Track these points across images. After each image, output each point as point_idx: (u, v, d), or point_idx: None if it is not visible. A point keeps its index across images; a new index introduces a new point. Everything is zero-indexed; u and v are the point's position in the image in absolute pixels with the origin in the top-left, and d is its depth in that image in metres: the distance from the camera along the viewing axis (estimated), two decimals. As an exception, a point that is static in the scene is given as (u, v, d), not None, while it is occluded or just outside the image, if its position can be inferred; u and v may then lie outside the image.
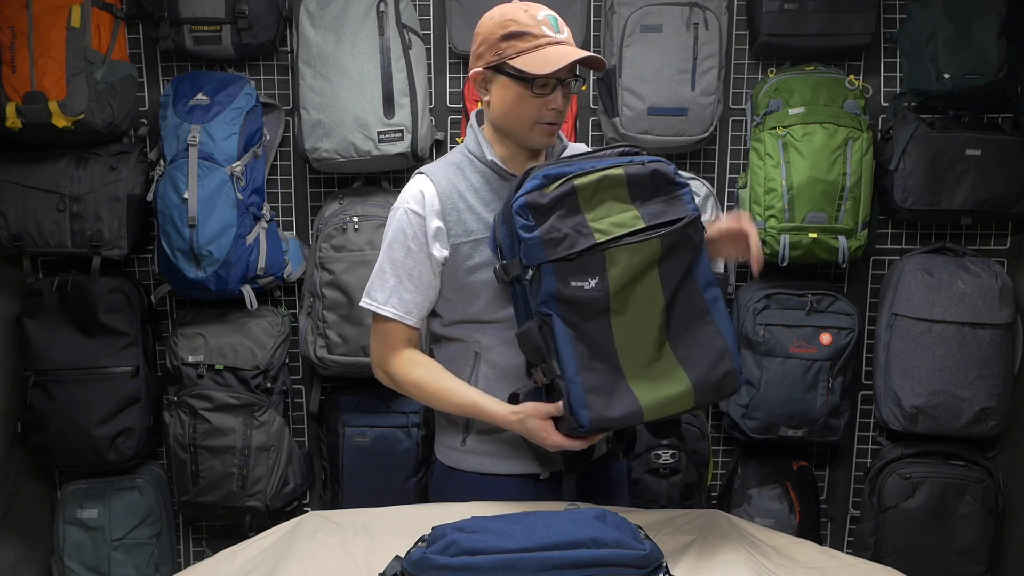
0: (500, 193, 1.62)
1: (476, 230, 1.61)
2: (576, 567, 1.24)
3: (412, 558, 1.26)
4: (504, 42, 1.54)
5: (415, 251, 1.63)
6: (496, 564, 1.23)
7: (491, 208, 1.62)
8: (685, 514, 1.60)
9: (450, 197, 1.62)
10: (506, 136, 1.63)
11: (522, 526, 1.29)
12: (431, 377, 1.65)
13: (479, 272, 1.61)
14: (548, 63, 1.52)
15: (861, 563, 1.55)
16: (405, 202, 1.64)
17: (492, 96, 1.60)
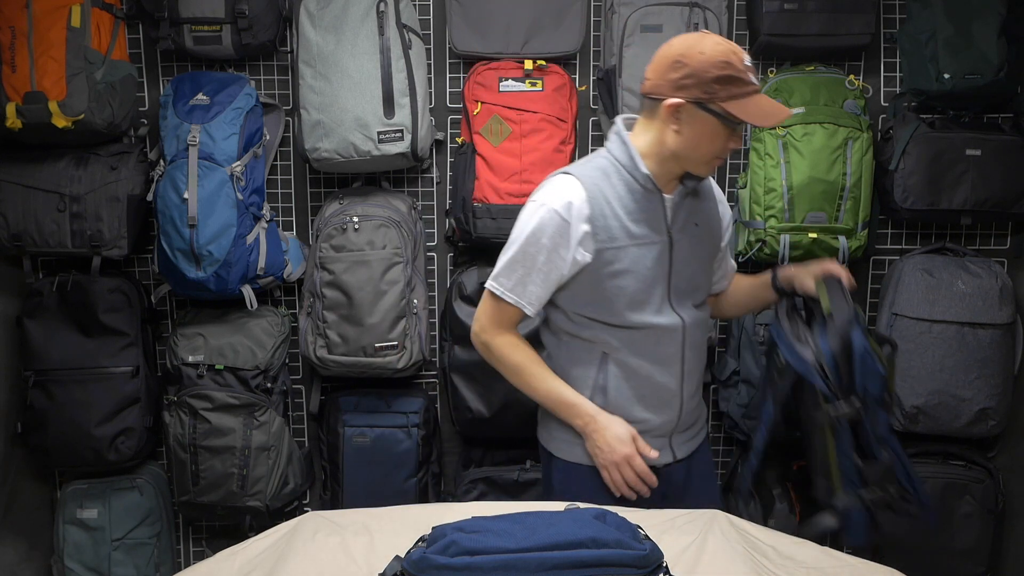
0: (642, 205, 1.72)
1: (619, 237, 1.70)
2: (576, 567, 1.24)
3: (412, 558, 1.26)
4: (719, 84, 1.61)
5: (550, 250, 1.69)
6: (496, 564, 1.23)
7: (633, 218, 1.71)
8: (685, 514, 1.60)
9: (598, 203, 1.69)
10: (674, 161, 1.70)
11: (522, 526, 1.29)
12: (530, 363, 1.78)
13: (618, 278, 1.70)
14: (767, 116, 1.63)
15: (861, 563, 1.55)
16: (551, 202, 1.70)
17: (683, 127, 1.65)
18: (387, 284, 2.40)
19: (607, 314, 1.73)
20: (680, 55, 1.63)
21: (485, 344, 1.81)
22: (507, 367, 1.80)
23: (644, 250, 1.71)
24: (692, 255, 1.79)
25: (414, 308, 2.45)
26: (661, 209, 1.74)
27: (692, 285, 1.80)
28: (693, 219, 1.79)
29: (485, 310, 1.81)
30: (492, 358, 1.81)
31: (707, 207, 1.85)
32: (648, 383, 1.77)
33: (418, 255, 2.52)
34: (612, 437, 1.72)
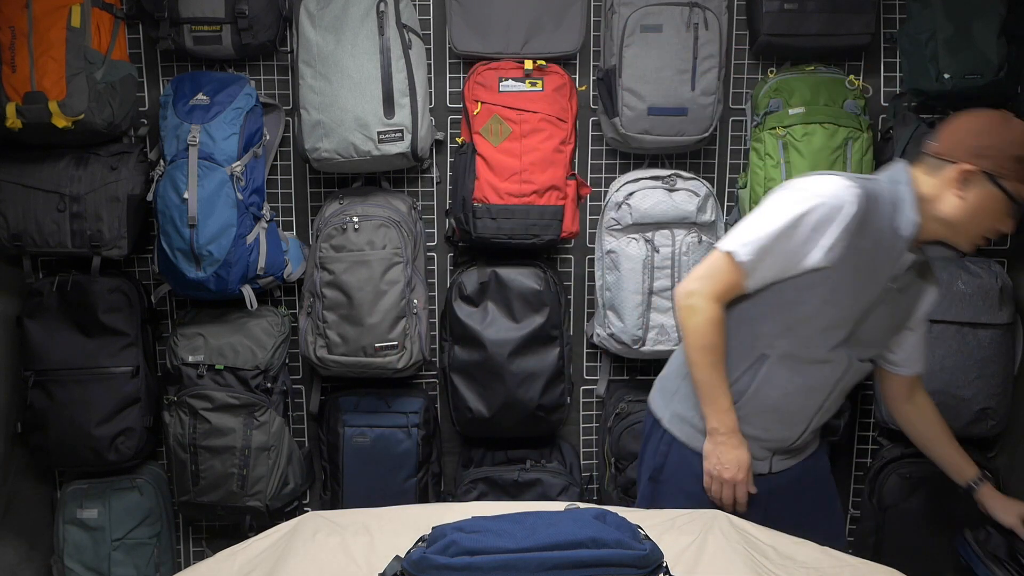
0: (891, 251, 1.65)
1: (856, 264, 1.62)
2: (576, 567, 1.24)
3: (412, 558, 1.26)
4: (1016, 163, 1.59)
5: (804, 241, 1.61)
6: (496, 564, 1.23)
7: (875, 258, 1.64)
8: (685, 514, 1.60)
9: (863, 227, 1.61)
10: (942, 225, 1.66)
11: (522, 526, 1.29)
12: (719, 349, 1.70)
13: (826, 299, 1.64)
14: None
15: (861, 563, 1.55)
16: (828, 198, 1.61)
17: (968, 195, 1.62)
18: (387, 284, 2.40)
19: (793, 324, 1.68)
20: (986, 126, 1.62)
21: (692, 307, 1.68)
22: (696, 338, 1.69)
23: (865, 290, 1.67)
24: (887, 316, 1.74)
25: (414, 308, 2.45)
26: (896, 260, 1.68)
27: (872, 340, 1.76)
28: (907, 286, 1.74)
29: (711, 272, 1.69)
30: (689, 321, 1.70)
31: (922, 288, 1.80)
32: (787, 399, 1.74)
33: (418, 255, 2.52)
34: (734, 458, 1.72)
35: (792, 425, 1.79)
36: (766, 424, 1.77)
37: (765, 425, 1.77)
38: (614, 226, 2.49)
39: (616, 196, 2.48)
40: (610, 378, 2.73)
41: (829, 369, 1.73)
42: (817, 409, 1.79)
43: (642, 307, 2.46)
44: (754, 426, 1.76)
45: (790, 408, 1.76)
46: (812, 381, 1.74)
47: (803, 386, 1.74)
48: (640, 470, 1.94)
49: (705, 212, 2.47)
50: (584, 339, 2.73)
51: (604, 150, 2.64)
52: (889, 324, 1.77)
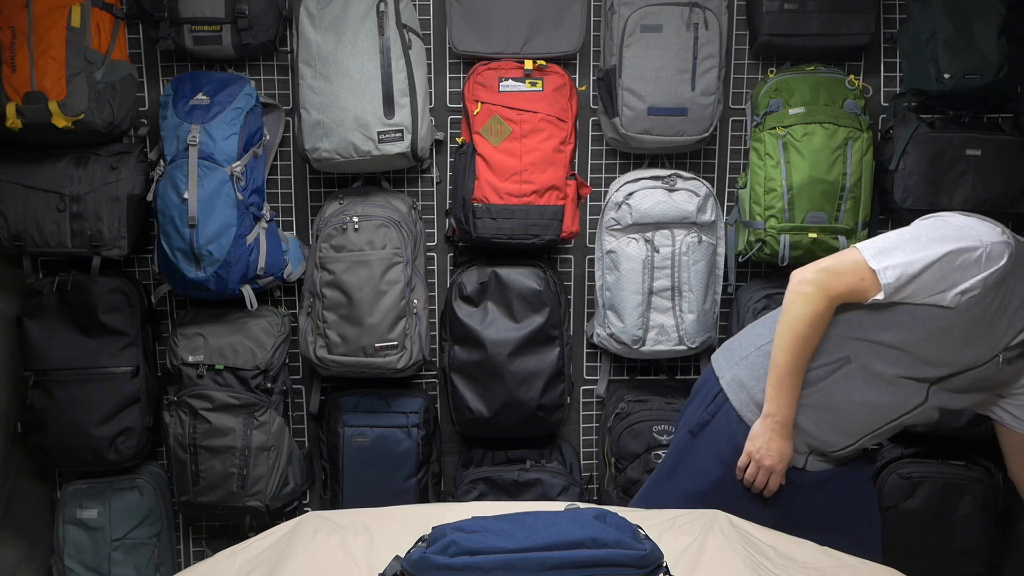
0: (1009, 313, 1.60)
1: (977, 316, 1.58)
2: (576, 567, 1.24)
3: (412, 558, 1.26)
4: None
5: (938, 276, 1.58)
6: (496, 564, 1.23)
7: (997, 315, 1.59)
8: (685, 514, 1.60)
9: (1001, 282, 1.57)
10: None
11: (522, 526, 1.29)
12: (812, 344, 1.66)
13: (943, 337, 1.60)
14: None
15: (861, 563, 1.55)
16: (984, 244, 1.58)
17: None
18: (387, 284, 2.40)
19: (891, 343, 1.65)
20: None
21: (806, 295, 1.65)
22: (796, 325, 1.64)
23: (972, 343, 1.62)
24: (984, 380, 1.70)
25: (414, 308, 2.45)
26: (1016, 328, 1.62)
27: (958, 399, 1.73)
28: (1016, 359, 1.68)
29: (840, 270, 1.65)
30: (796, 307, 1.66)
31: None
32: (850, 408, 1.71)
33: (418, 255, 2.52)
34: (779, 448, 1.70)
35: (844, 434, 1.75)
36: (820, 422, 1.74)
37: (819, 423, 1.74)
38: (614, 226, 2.49)
39: (616, 196, 2.48)
40: (610, 378, 2.73)
41: (903, 397, 1.70)
42: (874, 429, 1.74)
43: (642, 307, 2.46)
44: (808, 420, 1.73)
45: (848, 417, 1.73)
46: (881, 401, 1.70)
47: (870, 403, 1.70)
48: (680, 422, 1.92)
49: (705, 212, 2.47)
50: (584, 339, 2.73)
51: (604, 150, 2.65)
52: (983, 387, 1.73)
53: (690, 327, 2.47)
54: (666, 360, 2.69)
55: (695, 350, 2.52)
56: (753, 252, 2.44)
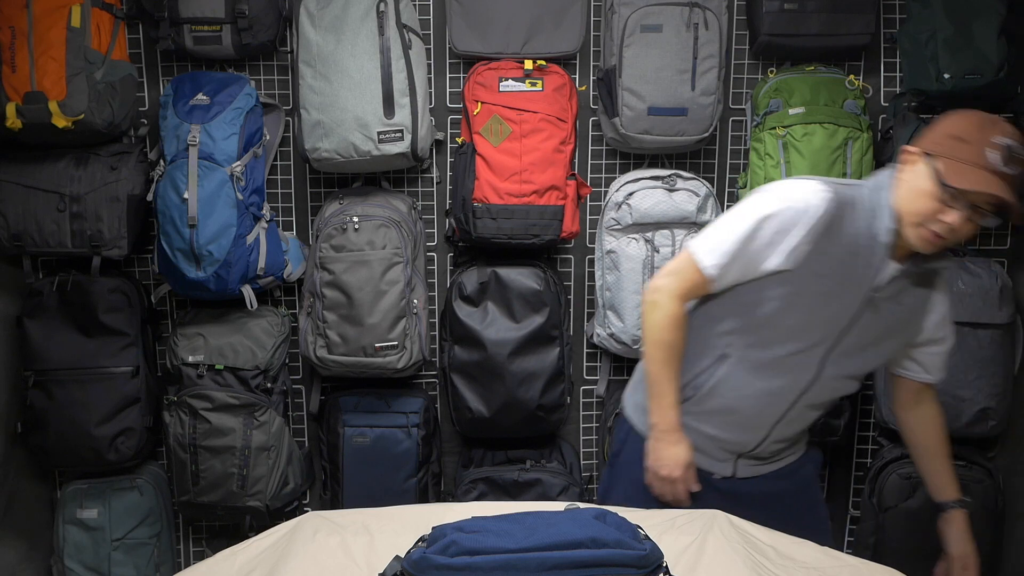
0: (865, 257, 1.61)
1: (821, 271, 1.60)
2: (576, 567, 1.24)
3: (412, 558, 1.26)
4: (948, 140, 1.54)
5: (767, 243, 1.60)
6: (496, 564, 1.23)
7: (846, 264, 1.61)
8: (685, 514, 1.60)
9: (830, 231, 1.59)
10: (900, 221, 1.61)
11: (522, 526, 1.29)
12: (676, 348, 1.70)
13: (789, 304, 1.62)
14: (962, 179, 1.50)
15: (861, 563, 1.55)
16: (794, 200, 1.60)
17: (907, 176, 1.58)
18: (387, 284, 2.40)
19: (754, 326, 1.67)
20: (947, 116, 1.59)
21: (655, 303, 1.69)
22: (653, 333, 1.70)
23: (835, 294, 1.63)
24: (878, 333, 1.69)
25: (414, 308, 2.45)
26: (874, 270, 1.63)
27: (858, 359, 1.71)
28: (903, 300, 1.68)
29: (678, 270, 1.69)
30: (649, 316, 1.70)
31: (926, 299, 1.72)
32: (744, 402, 1.72)
33: (418, 255, 2.52)
34: (670, 455, 1.71)
35: (749, 430, 1.76)
36: (723, 425, 1.76)
37: (724, 426, 1.76)
38: (614, 226, 2.49)
39: (616, 196, 2.48)
40: (610, 378, 2.73)
41: (793, 376, 1.70)
42: (778, 418, 1.74)
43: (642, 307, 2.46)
44: (712, 425, 1.76)
45: (747, 412, 1.74)
46: (772, 387, 1.70)
47: (762, 391, 1.71)
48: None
49: (705, 212, 2.47)
50: (584, 339, 2.73)
51: (604, 150, 2.65)
52: (884, 340, 1.72)
53: (690, 327, 2.47)
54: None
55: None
56: (753, 252, 2.44)
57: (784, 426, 1.77)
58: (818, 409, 1.80)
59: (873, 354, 1.74)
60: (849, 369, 1.73)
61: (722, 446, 1.78)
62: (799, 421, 1.79)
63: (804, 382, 1.70)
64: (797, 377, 1.70)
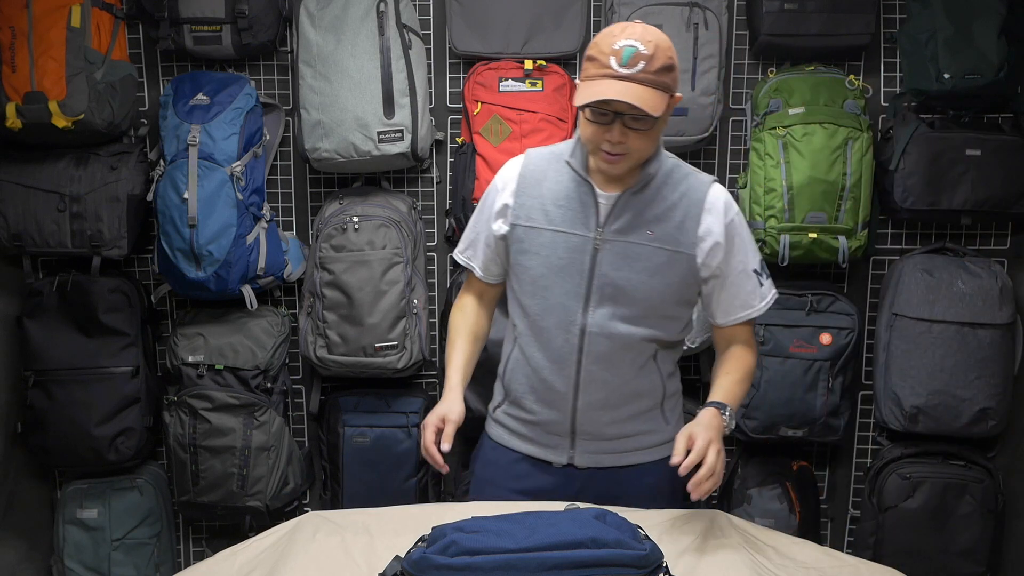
0: (575, 195, 1.66)
1: (536, 219, 1.68)
2: (576, 567, 1.24)
3: (412, 558, 1.26)
4: (585, 62, 1.58)
5: (487, 219, 1.76)
6: (496, 564, 1.23)
7: (559, 204, 1.67)
8: (685, 514, 1.60)
9: (528, 181, 1.70)
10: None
11: (522, 526, 1.29)
12: (455, 329, 1.82)
13: (524, 257, 1.69)
14: (583, 95, 1.54)
15: (861, 563, 1.55)
16: (498, 173, 1.77)
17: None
18: (387, 284, 2.40)
19: (516, 290, 1.73)
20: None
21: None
22: (449, 325, 1.85)
23: (561, 238, 1.65)
24: (634, 264, 1.64)
25: (414, 308, 2.45)
26: (593, 203, 1.64)
27: (626, 296, 1.64)
28: (646, 227, 1.64)
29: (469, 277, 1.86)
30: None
31: (679, 223, 1.65)
32: (537, 375, 1.71)
33: (418, 255, 2.52)
34: (435, 410, 1.70)
35: (552, 404, 1.71)
36: (531, 405, 1.74)
37: (531, 406, 1.75)
38: (614, 226, 2.49)
39: (616, 196, 2.48)
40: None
41: (561, 336, 1.67)
42: (573, 385, 1.68)
43: (642, 307, 2.46)
44: (524, 408, 1.76)
45: (543, 386, 1.71)
46: (552, 352, 1.69)
47: (546, 359, 1.69)
48: None
49: (705, 212, 2.47)
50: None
51: (604, 150, 2.64)
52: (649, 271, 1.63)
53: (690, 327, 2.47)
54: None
55: (695, 350, 2.52)
56: (753, 252, 2.44)
57: (589, 391, 1.69)
58: (627, 364, 1.68)
59: (640, 296, 1.65)
60: (625, 311, 1.65)
61: (547, 429, 1.74)
62: (608, 382, 1.69)
63: (574, 336, 1.66)
64: (564, 332, 1.66)
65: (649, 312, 1.66)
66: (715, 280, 1.69)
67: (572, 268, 1.65)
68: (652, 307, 1.66)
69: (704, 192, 1.67)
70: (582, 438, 1.74)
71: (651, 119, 1.54)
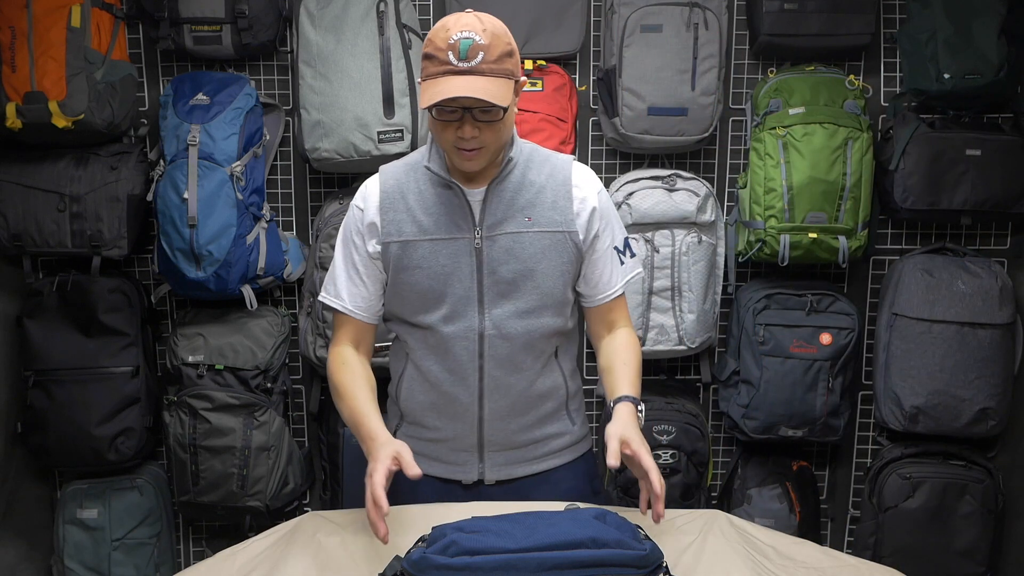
0: (443, 199, 1.60)
1: (408, 231, 1.60)
2: (576, 567, 1.24)
3: (412, 558, 1.26)
4: (424, 60, 1.50)
5: (359, 245, 1.64)
6: (496, 564, 1.23)
7: (428, 212, 1.59)
8: (685, 514, 1.60)
9: (391, 196, 1.62)
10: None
11: (522, 526, 1.29)
12: (345, 384, 1.63)
13: (406, 273, 1.60)
14: (427, 96, 1.47)
15: (861, 563, 1.55)
16: (355, 198, 1.66)
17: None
18: (387, 284, 2.40)
19: (401, 310, 1.64)
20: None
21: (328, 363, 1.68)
22: (331, 385, 1.66)
23: (440, 246, 1.59)
24: (520, 255, 1.59)
25: (414, 308, 2.45)
26: (463, 203, 1.59)
27: (518, 290, 1.60)
28: (522, 214, 1.60)
29: (333, 324, 1.71)
30: (328, 377, 1.68)
31: (551, 203, 1.61)
32: (437, 390, 1.64)
33: (418, 255, 2.51)
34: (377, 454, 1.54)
35: (456, 417, 1.65)
36: (433, 422, 1.67)
37: (433, 423, 1.67)
38: (614, 226, 2.49)
39: (616, 196, 2.48)
40: (610, 378, 2.72)
41: (459, 344, 1.61)
42: (476, 394, 1.63)
43: (642, 307, 2.46)
44: (425, 426, 1.68)
45: (444, 399, 1.64)
46: (451, 363, 1.62)
47: (445, 371, 1.63)
48: None
49: (705, 212, 2.47)
50: (584, 338, 2.73)
51: (604, 150, 2.64)
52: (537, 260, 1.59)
53: (690, 327, 2.47)
54: (666, 360, 2.69)
55: (695, 350, 2.52)
56: (753, 252, 2.45)
57: (494, 398, 1.64)
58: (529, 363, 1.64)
59: (533, 285, 1.60)
60: (511, 309, 1.60)
61: (452, 446, 1.68)
62: (512, 386, 1.64)
63: (472, 341, 1.61)
64: (461, 339, 1.61)
65: (545, 300, 1.62)
66: (589, 258, 1.65)
67: (459, 274, 1.59)
68: (546, 294, 1.61)
69: (569, 171, 1.65)
70: (491, 449, 1.67)
71: (500, 109, 1.48)
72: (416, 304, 1.62)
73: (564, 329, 1.68)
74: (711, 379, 2.67)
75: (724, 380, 2.58)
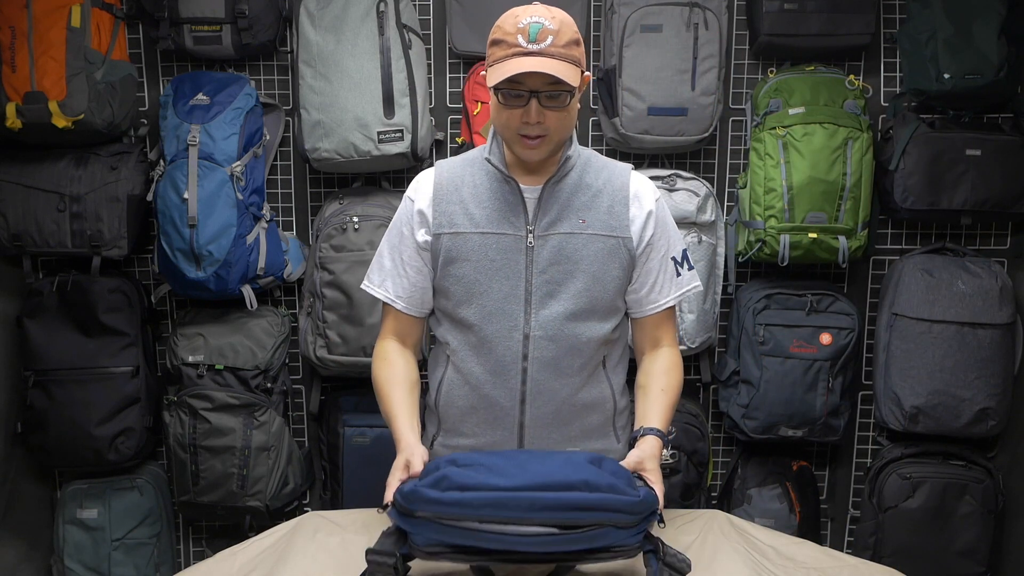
0: (498, 194, 1.59)
1: (460, 223, 1.59)
2: (567, 509, 1.22)
3: (403, 490, 1.25)
4: (491, 48, 1.51)
5: (407, 236, 1.64)
6: (486, 501, 1.21)
7: (483, 205, 1.59)
8: (685, 514, 1.60)
9: (445, 188, 1.62)
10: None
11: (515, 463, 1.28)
12: (384, 381, 1.61)
13: (454, 266, 1.59)
14: (496, 74, 1.47)
15: (861, 563, 1.55)
16: (408, 190, 1.67)
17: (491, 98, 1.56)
18: (387, 284, 2.40)
19: (445, 303, 1.62)
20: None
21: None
22: (373, 379, 1.63)
23: (491, 240, 1.57)
24: (572, 256, 1.57)
25: (414, 308, 2.45)
26: (519, 200, 1.58)
27: (568, 291, 1.57)
28: (577, 215, 1.58)
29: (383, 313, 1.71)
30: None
31: (607, 207, 1.60)
32: (477, 392, 1.60)
33: (418, 255, 2.51)
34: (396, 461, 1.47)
35: (496, 423, 1.61)
36: (472, 428, 1.63)
37: (471, 430, 1.63)
38: (614, 226, 2.49)
39: (616, 196, 2.48)
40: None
41: (503, 345, 1.58)
42: (519, 400, 1.59)
43: (642, 307, 2.46)
44: (463, 434, 1.64)
45: (484, 403, 1.61)
46: (493, 364, 1.59)
47: (487, 372, 1.59)
48: None
49: (705, 212, 2.47)
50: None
51: (604, 150, 2.64)
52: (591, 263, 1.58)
53: (690, 327, 2.47)
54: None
55: (695, 350, 2.52)
56: (753, 252, 2.45)
57: (537, 404, 1.60)
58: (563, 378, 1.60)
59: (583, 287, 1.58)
60: (558, 310, 1.58)
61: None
62: (558, 392, 1.60)
63: (517, 342, 1.58)
64: (506, 339, 1.58)
65: (594, 304, 1.59)
66: (641, 266, 1.63)
67: (507, 270, 1.57)
68: (595, 298, 1.59)
69: (627, 178, 1.64)
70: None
71: (567, 93, 1.48)
72: (460, 296, 1.59)
73: (611, 338, 1.64)
74: (711, 379, 2.67)
75: (724, 380, 2.58)
